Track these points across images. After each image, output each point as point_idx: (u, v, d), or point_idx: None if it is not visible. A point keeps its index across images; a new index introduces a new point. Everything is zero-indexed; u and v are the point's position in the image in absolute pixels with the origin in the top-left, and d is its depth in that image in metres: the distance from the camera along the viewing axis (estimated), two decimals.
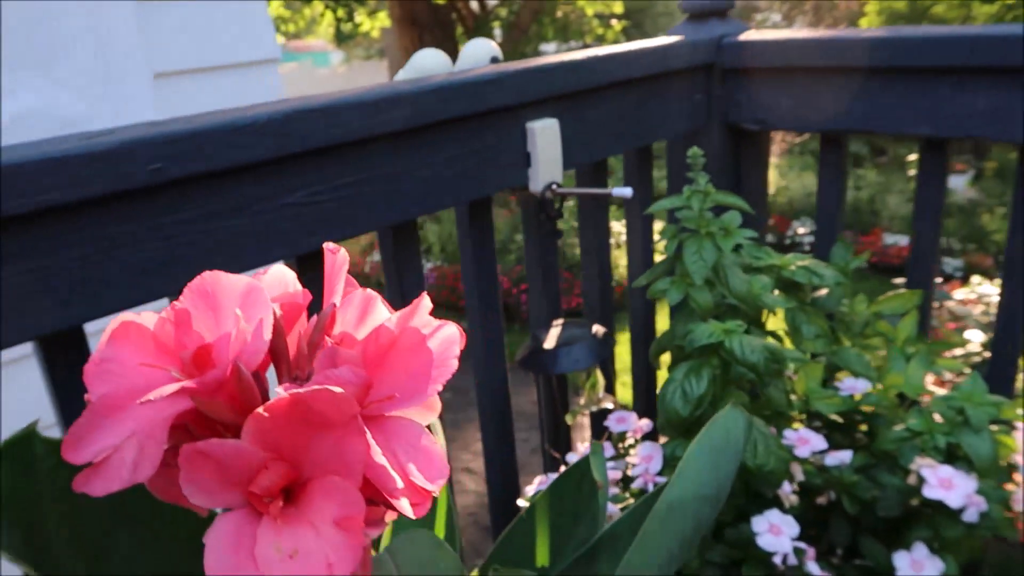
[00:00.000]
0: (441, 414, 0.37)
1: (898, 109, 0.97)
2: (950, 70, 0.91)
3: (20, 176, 0.51)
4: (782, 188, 4.97)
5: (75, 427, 0.31)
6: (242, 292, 0.33)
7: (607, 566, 0.57)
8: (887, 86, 0.96)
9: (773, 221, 4.62)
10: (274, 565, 0.28)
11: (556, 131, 0.86)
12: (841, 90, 1.00)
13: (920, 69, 0.92)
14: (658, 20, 9.39)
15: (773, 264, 0.92)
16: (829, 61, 1.00)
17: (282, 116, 0.64)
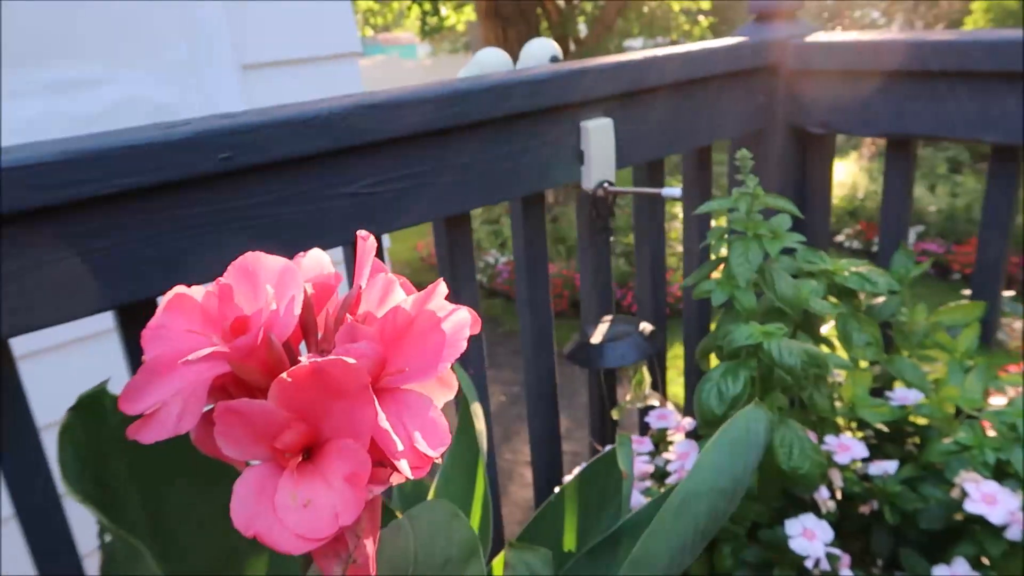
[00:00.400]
0: (503, 408, 0.40)
1: (964, 114, 0.94)
2: (1017, 75, 0.88)
3: (103, 161, 0.56)
4: (871, 193, 4.80)
5: (131, 383, 0.35)
6: (279, 271, 0.37)
7: (627, 552, 0.59)
8: (953, 90, 0.94)
9: (861, 227, 4.46)
10: (289, 512, 0.32)
11: (610, 130, 0.88)
12: (906, 93, 0.99)
13: (986, 74, 0.90)
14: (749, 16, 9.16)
15: (826, 269, 0.92)
16: (894, 64, 0.98)
17: (343, 111, 0.68)
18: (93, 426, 0.47)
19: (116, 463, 0.49)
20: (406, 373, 0.35)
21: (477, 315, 0.39)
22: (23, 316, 0.57)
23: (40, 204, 0.55)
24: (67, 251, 0.58)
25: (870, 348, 0.89)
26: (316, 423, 0.33)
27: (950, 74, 0.93)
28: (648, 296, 1.07)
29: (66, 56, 1.38)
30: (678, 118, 0.99)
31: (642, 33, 9.66)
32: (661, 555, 0.52)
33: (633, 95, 0.91)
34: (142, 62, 1.49)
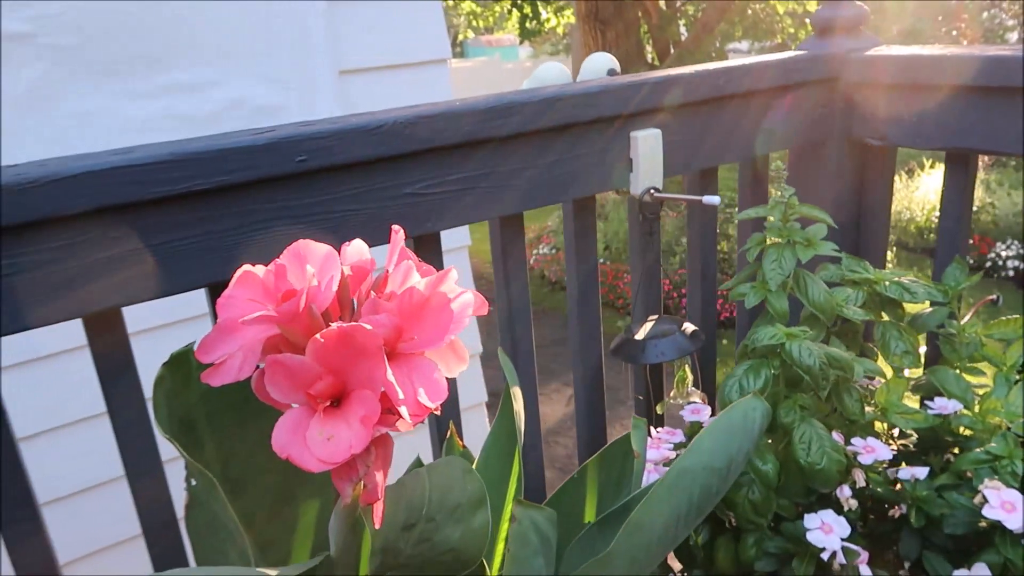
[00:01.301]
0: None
1: (1018, 130, 0.95)
2: None
3: (202, 162, 0.67)
4: (987, 205, 4.59)
5: (205, 339, 0.45)
6: (323, 256, 0.46)
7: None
8: (1009, 106, 0.94)
9: (974, 241, 4.28)
10: (316, 443, 0.40)
11: (658, 140, 0.94)
12: (963, 108, 1.00)
13: None
14: None
15: (868, 278, 0.94)
16: (951, 79, 0.99)
17: (406, 120, 0.77)
18: (180, 379, 0.57)
19: (197, 411, 0.59)
20: (416, 341, 0.43)
21: (483, 298, 0.47)
22: (131, 290, 0.68)
23: (150, 196, 0.67)
24: (170, 236, 0.69)
25: (908, 356, 0.92)
26: (342, 376, 0.42)
27: (1004, 89, 0.94)
28: (698, 299, 1.12)
29: (180, 61, 1.54)
30: (731, 129, 1.03)
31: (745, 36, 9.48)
32: (656, 523, 0.58)
33: (682, 107, 0.96)
34: (249, 67, 1.64)
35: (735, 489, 0.84)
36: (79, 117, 1.47)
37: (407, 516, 0.49)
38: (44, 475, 1.41)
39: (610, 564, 0.57)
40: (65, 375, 1.45)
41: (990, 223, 4.48)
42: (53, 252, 0.64)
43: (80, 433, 1.50)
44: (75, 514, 1.53)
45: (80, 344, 1.23)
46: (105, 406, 0.73)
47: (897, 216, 4.78)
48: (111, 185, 0.65)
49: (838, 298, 0.87)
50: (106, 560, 1.57)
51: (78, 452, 1.50)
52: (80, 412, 1.49)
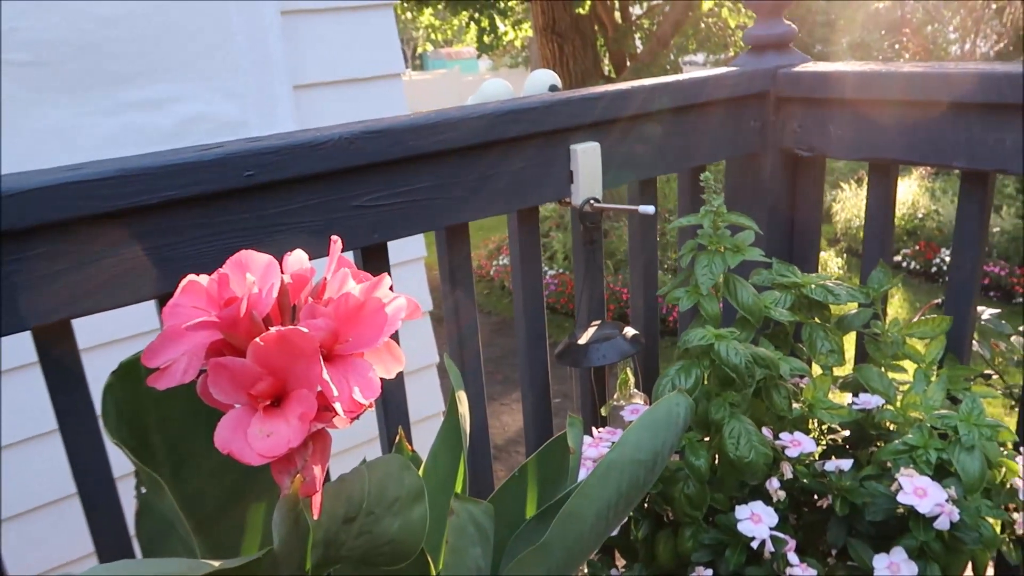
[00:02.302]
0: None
1: (936, 142, 1.02)
2: (983, 106, 0.95)
3: (150, 177, 0.70)
4: (932, 212, 4.74)
5: (151, 345, 0.47)
6: (264, 265, 0.49)
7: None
8: (927, 119, 1.01)
9: (919, 247, 4.42)
10: (256, 440, 0.43)
11: (597, 153, 0.98)
12: (885, 121, 1.06)
13: (956, 104, 0.97)
14: (815, 31, 9.01)
15: (795, 282, 1.00)
16: (873, 93, 1.06)
17: (351, 136, 0.80)
18: (130, 386, 0.59)
19: (147, 418, 0.61)
20: (352, 342, 0.46)
21: (416, 303, 0.50)
22: (82, 303, 0.70)
23: (100, 211, 0.69)
24: (121, 249, 0.71)
25: (833, 355, 0.97)
26: (282, 377, 0.45)
27: (921, 103, 1.01)
28: (641, 304, 1.16)
29: (141, 78, 1.55)
30: (669, 142, 1.09)
31: (700, 48, 9.68)
32: (588, 514, 0.62)
33: (620, 120, 1.01)
34: (209, 83, 1.66)
35: (672, 484, 0.88)
36: (49, 133, 1.47)
37: (347, 509, 0.52)
38: None
39: (546, 553, 0.61)
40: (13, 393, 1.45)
41: (935, 230, 4.64)
42: (7, 265, 0.66)
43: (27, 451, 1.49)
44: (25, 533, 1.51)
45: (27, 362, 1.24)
46: (56, 420, 0.75)
47: (847, 224, 4.93)
48: (61, 200, 0.67)
49: (766, 300, 0.92)
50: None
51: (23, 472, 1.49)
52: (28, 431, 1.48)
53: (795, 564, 0.84)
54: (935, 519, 0.82)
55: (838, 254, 4.64)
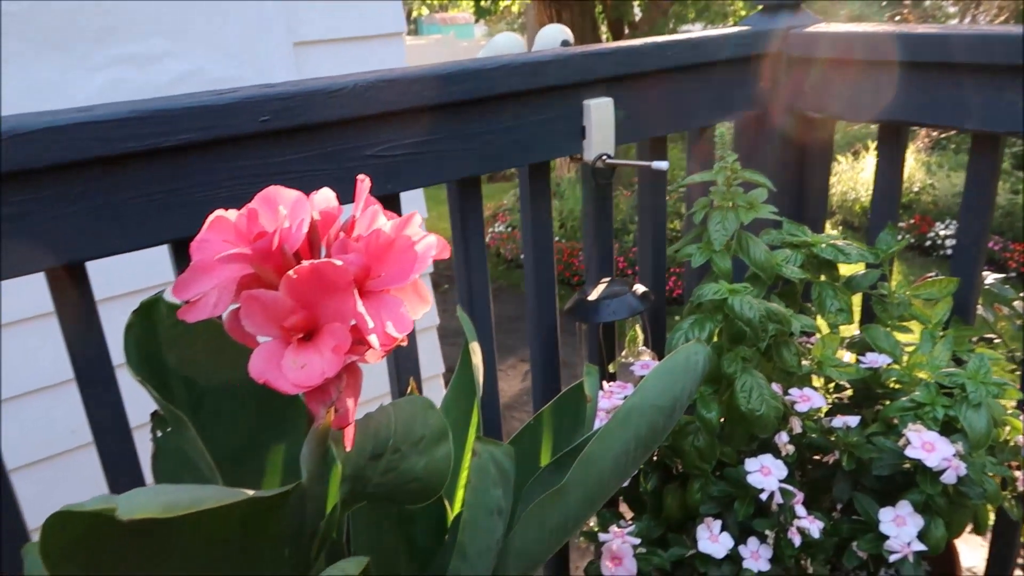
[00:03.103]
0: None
1: (949, 103, 1.01)
2: (997, 68, 0.95)
3: (166, 120, 0.69)
4: (927, 187, 4.74)
5: (181, 278, 0.47)
6: (294, 200, 0.48)
7: None
8: (939, 80, 1.01)
9: (914, 220, 4.42)
10: (291, 371, 0.43)
11: (610, 108, 0.98)
12: (896, 82, 1.06)
13: (970, 66, 0.96)
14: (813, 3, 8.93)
15: (806, 241, 1.00)
16: (884, 55, 1.05)
17: (365, 84, 0.79)
18: (150, 325, 0.59)
19: (167, 357, 0.61)
20: (383, 279, 0.46)
21: (446, 243, 0.50)
22: (95, 245, 0.70)
23: (113, 153, 0.68)
24: (135, 192, 0.70)
25: (842, 314, 0.98)
26: (314, 311, 0.45)
27: (934, 65, 1.00)
28: (649, 261, 1.16)
29: (133, 32, 1.53)
30: (680, 99, 1.08)
31: (698, 18, 9.58)
32: (606, 458, 0.62)
33: (633, 77, 1.00)
34: (203, 39, 1.63)
35: (682, 437, 0.89)
36: (29, 88, 1.45)
37: (374, 446, 0.52)
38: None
39: (565, 496, 0.62)
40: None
41: (930, 204, 4.65)
42: (18, 206, 0.65)
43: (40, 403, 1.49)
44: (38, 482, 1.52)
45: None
46: (71, 366, 0.74)
47: (843, 196, 4.93)
48: (74, 141, 0.66)
49: (778, 258, 0.92)
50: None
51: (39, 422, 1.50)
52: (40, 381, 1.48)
53: (803, 516, 0.86)
54: (941, 473, 0.83)
55: (833, 226, 4.65)
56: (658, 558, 0.89)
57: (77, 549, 0.38)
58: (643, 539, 0.92)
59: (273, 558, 0.56)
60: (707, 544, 0.87)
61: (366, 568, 0.48)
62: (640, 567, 0.89)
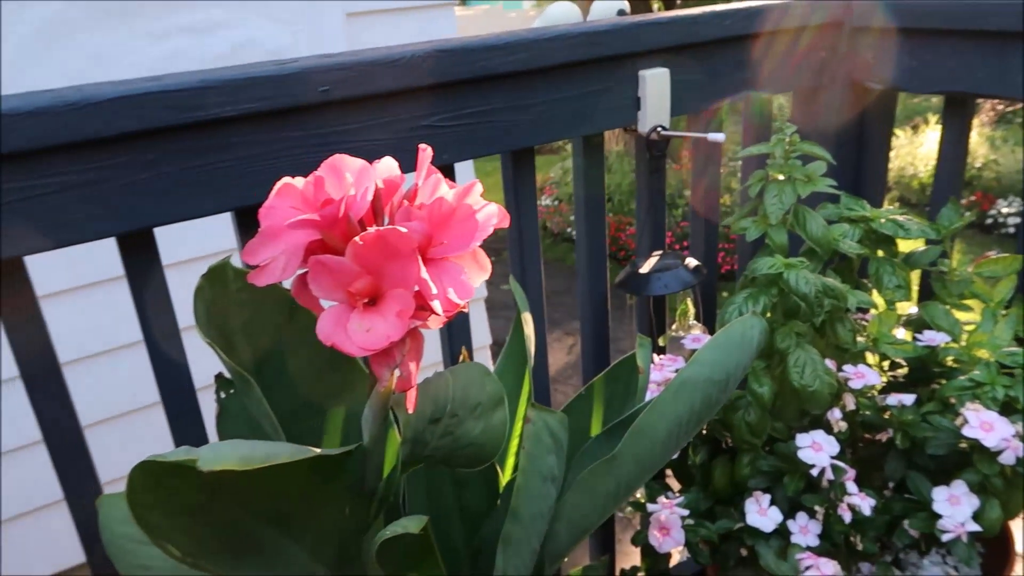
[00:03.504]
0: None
1: (1022, 74, 0.98)
2: None
3: (230, 89, 0.71)
4: (990, 162, 4.57)
5: (250, 244, 0.49)
6: (358, 169, 0.49)
7: None
8: (1009, 50, 0.97)
9: (975, 197, 4.27)
10: (357, 334, 0.44)
11: (666, 79, 0.97)
12: (963, 52, 1.02)
13: None
14: None
15: (864, 215, 0.98)
16: (952, 23, 1.01)
17: (424, 54, 0.80)
18: (218, 289, 0.61)
19: (233, 320, 0.63)
20: (445, 246, 0.47)
21: (506, 212, 0.51)
22: (162, 212, 0.72)
23: (180, 122, 0.70)
24: (201, 160, 0.73)
25: (900, 291, 0.96)
26: (378, 277, 0.46)
27: (1007, 34, 0.97)
28: (701, 235, 1.16)
29: (193, 3, 1.55)
30: (737, 70, 1.06)
31: None
32: (659, 428, 0.63)
33: (690, 47, 0.99)
34: (259, 9, 1.65)
35: (732, 411, 0.89)
36: (92, 57, 1.49)
37: (433, 410, 0.54)
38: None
39: (617, 465, 0.62)
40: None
41: (992, 180, 4.48)
42: (94, 172, 0.68)
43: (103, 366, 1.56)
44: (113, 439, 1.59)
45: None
46: (140, 328, 0.78)
47: (900, 172, 4.78)
48: (145, 110, 0.68)
49: (835, 232, 0.91)
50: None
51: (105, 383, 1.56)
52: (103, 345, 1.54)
53: (854, 493, 0.85)
54: (999, 454, 0.81)
55: (890, 202, 4.52)
56: (705, 530, 0.90)
57: (159, 496, 0.40)
58: (691, 511, 0.92)
59: (334, 514, 0.58)
60: (756, 518, 0.87)
61: (425, 527, 0.50)
62: (687, 538, 0.90)
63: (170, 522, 0.42)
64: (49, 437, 0.75)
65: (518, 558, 0.61)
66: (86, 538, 0.80)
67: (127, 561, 0.70)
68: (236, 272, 0.62)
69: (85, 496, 0.78)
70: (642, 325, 1.17)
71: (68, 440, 0.76)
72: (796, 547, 0.86)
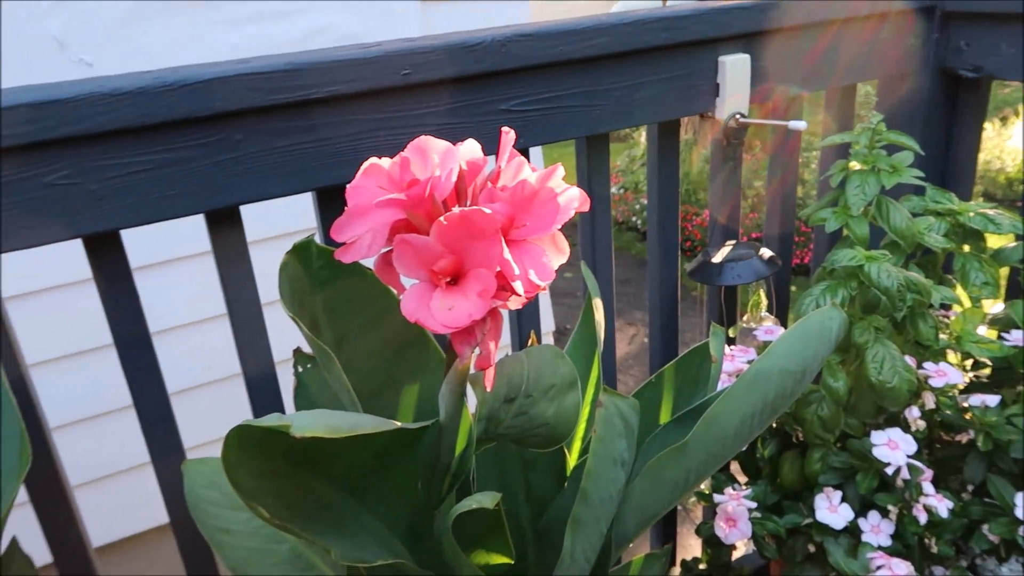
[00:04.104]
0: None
1: None
2: None
3: (316, 72, 0.72)
4: None
5: (338, 222, 0.50)
6: (443, 151, 0.50)
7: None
8: None
9: None
10: (439, 312, 0.45)
11: (747, 65, 0.95)
12: None
13: None
14: None
15: (952, 208, 0.95)
16: None
17: (503, 39, 0.80)
18: (302, 265, 0.63)
19: (315, 296, 0.65)
20: (527, 228, 0.48)
21: (586, 196, 0.51)
22: (248, 191, 0.75)
23: (267, 103, 0.72)
24: (285, 141, 0.75)
25: (987, 288, 0.92)
26: (461, 256, 0.47)
27: None
28: (776, 225, 1.13)
29: None
30: (822, 57, 1.03)
31: None
32: (732, 418, 0.62)
33: (772, 32, 0.96)
34: None
35: (804, 405, 0.88)
36: (178, 42, 1.54)
37: (508, 390, 0.55)
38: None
39: (687, 453, 0.62)
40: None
41: None
42: (186, 151, 0.71)
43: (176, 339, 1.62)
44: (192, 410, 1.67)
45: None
46: (224, 302, 0.81)
47: (986, 165, 4.57)
48: (236, 91, 0.71)
49: (920, 225, 0.88)
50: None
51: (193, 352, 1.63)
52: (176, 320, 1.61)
53: (930, 494, 0.83)
54: None
55: (974, 197, 4.33)
56: (773, 524, 0.88)
57: (251, 459, 0.42)
58: (758, 504, 0.91)
59: (408, 487, 0.60)
60: (825, 514, 0.85)
61: (498, 503, 0.51)
62: (753, 531, 0.89)
63: (259, 484, 0.44)
64: (139, 403, 0.79)
65: (586, 540, 0.61)
66: (170, 501, 0.84)
67: (209, 524, 0.73)
68: (319, 249, 0.64)
69: (170, 461, 0.82)
70: (712, 315, 1.15)
71: (156, 407, 0.80)
72: (867, 546, 0.84)
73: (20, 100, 0.62)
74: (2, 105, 0.61)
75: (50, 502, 0.79)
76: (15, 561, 0.75)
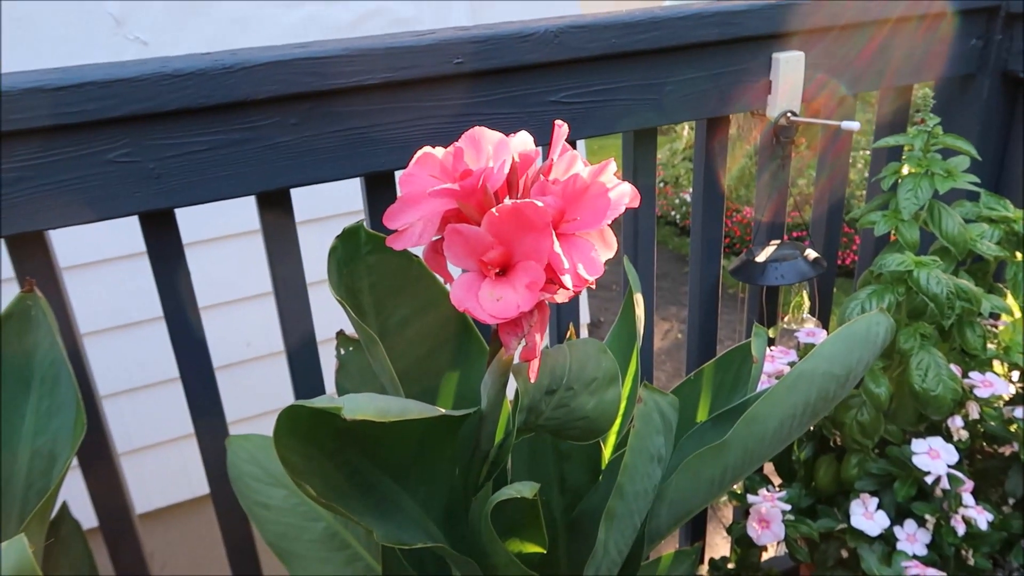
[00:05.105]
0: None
1: None
2: None
3: (371, 58, 0.73)
4: None
5: (391, 209, 0.51)
6: (496, 142, 0.51)
7: None
8: None
9: None
10: (487, 302, 0.46)
11: (800, 63, 0.93)
12: None
13: None
14: None
15: (1006, 216, 0.92)
16: None
17: (556, 29, 0.80)
18: (350, 250, 0.65)
19: (361, 281, 0.66)
20: (578, 222, 0.48)
21: (637, 192, 0.51)
22: (301, 174, 0.76)
23: (323, 88, 0.73)
24: (340, 126, 0.76)
25: None
26: (511, 248, 0.47)
27: None
28: (823, 226, 1.12)
29: None
30: (879, 57, 1.01)
31: None
32: (772, 419, 0.62)
33: (828, 30, 0.95)
34: None
35: (845, 410, 0.87)
36: (233, 22, 1.57)
37: (550, 381, 0.55)
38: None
39: (725, 451, 0.62)
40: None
41: None
42: (240, 133, 0.72)
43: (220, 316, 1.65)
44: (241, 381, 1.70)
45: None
46: (271, 282, 0.82)
47: None
48: (293, 75, 0.72)
49: (972, 232, 0.86)
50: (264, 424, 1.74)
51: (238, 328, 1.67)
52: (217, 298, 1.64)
53: (970, 505, 0.82)
54: None
55: None
56: (806, 527, 0.88)
57: (300, 438, 0.43)
58: (791, 507, 0.91)
59: (447, 472, 0.61)
60: (860, 520, 0.85)
61: (536, 493, 0.51)
62: (786, 533, 0.89)
63: (307, 464, 0.45)
64: (186, 377, 0.82)
65: (620, 533, 0.62)
66: (212, 474, 0.86)
67: (250, 498, 0.75)
68: (368, 235, 0.65)
69: (214, 434, 0.84)
70: (752, 315, 1.15)
71: (202, 382, 0.82)
72: (901, 554, 0.83)
73: (87, 78, 0.64)
74: (71, 83, 0.63)
75: (99, 469, 0.82)
76: (65, 524, 0.78)
